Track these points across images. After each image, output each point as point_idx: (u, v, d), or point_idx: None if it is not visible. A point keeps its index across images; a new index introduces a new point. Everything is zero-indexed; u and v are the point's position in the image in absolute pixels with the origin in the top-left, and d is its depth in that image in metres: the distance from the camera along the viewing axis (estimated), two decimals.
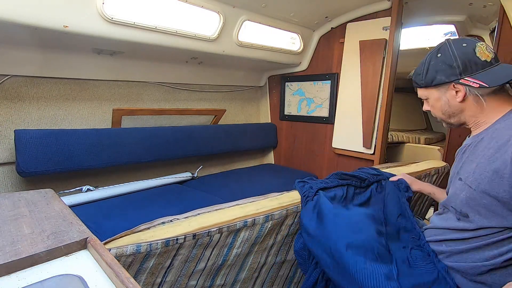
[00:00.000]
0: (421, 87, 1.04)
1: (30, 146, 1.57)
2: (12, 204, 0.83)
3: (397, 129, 4.45)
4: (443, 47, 0.98)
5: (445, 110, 1.01)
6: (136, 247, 0.84)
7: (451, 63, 0.94)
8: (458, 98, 0.95)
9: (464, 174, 0.97)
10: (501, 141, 0.87)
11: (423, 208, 1.94)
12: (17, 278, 0.56)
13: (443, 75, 0.96)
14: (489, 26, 2.42)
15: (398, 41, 2.08)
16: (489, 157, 0.89)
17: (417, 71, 1.05)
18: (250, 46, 2.15)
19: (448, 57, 0.95)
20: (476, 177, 0.91)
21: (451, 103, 0.98)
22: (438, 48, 1.00)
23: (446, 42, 0.98)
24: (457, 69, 0.93)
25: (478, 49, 0.93)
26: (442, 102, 1.00)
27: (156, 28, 1.62)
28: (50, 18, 1.30)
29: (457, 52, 0.94)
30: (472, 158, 0.95)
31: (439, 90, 0.99)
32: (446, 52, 0.96)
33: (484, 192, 0.89)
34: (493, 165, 0.87)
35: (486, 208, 0.89)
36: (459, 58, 0.93)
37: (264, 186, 2.20)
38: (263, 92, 3.10)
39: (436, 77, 0.97)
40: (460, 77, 0.93)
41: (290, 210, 1.19)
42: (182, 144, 2.25)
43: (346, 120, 2.38)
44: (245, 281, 1.22)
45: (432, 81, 0.98)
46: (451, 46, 0.95)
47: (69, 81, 1.87)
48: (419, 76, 1.03)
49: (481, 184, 0.89)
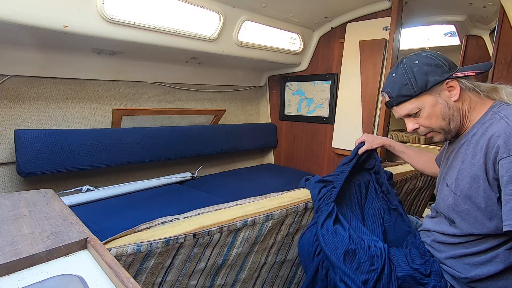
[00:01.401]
0: (413, 97, 0.95)
1: (30, 146, 1.57)
2: (12, 204, 0.83)
3: (397, 129, 4.45)
4: (411, 58, 0.97)
5: (446, 114, 0.94)
6: (136, 246, 0.84)
7: (436, 62, 0.92)
8: (454, 97, 0.92)
9: (449, 180, 0.97)
10: (477, 147, 0.87)
11: (420, 207, 1.94)
12: (17, 278, 0.56)
13: (436, 75, 0.91)
14: (489, 26, 2.42)
15: (398, 41, 2.08)
16: (468, 163, 0.89)
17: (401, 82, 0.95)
18: (250, 46, 2.15)
19: (429, 59, 0.93)
20: (459, 183, 0.91)
21: (449, 104, 0.93)
22: (406, 60, 0.98)
23: (408, 56, 0.99)
24: (445, 66, 0.92)
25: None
26: (440, 105, 0.93)
27: (156, 28, 1.62)
28: (50, 18, 1.30)
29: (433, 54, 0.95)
30: (455, 164, 0.96)
31: (433, 94, 0.93)
32: (420, 57, 0.95)
33: (466, 197, 0.89)
34: (471, 171, 0.87)
35: (469, 214, 0.89)
36: (439, 57, 0.93)
37: (264, 186, 2.20)
38: (263, 92, 3.10)
39: (429, 79, 0.92)
40: (451, 72, 0.92)
41: (290, 210, 1.19)
42: (182, 144, 2.25)
43: (346, 120, 2.38)
44: (246, 281, 1.22)
45: (427, 84, 0.92)
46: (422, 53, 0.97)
47: (69, 81, 1.87)
48: (407, 86, 0.94)
49: (463, 190, 0.90)
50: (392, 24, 2.02)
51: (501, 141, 0.79)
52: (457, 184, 0.92)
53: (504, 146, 0.78)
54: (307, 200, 1.25)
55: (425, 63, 0.93)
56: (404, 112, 1.01)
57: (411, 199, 1.80)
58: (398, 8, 1.99)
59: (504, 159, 0.78)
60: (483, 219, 0.86)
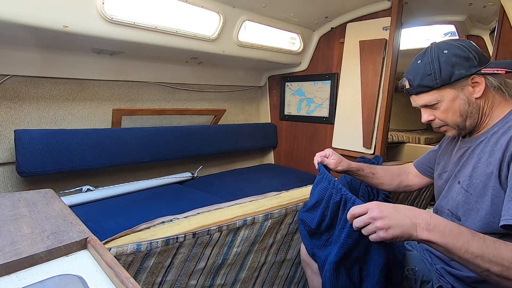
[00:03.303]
0: (434, 89, 0.90)
1: (30, 146, 1.57)
2: (12, 204, 0.83)
3: (397, 129, 4.45)
4: (443, 45, 0.90)
5: (464, 110, 0.89)
6: (136, 246, 0.84)
7: (467, 55, 0.86)
8: (477, 94, 0.87)
9: (462, 177, 0.94)
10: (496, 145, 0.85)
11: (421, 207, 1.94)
12: (17, 278, 0.56)
13: (463, 69, 0.85)
14: (489, 26, 2.42)
15: (398, 41, 2.08)
16: (485, 161, 0.87)
17: (424, 72, 0.91)
18: (250, 46, 2.15)
19: (459, 49, 0.87)
20: (472, 181, 0.89)
21: (471, 100, 0.88)
22: (435, 47, 0.91)
23: (439, 42, 0.92)
24: (474, 60, 0.86)
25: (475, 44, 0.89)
26: (460, 101, 0.89)
27: (156, 28, 1.62)
28: (50, 18, 1.30)
29: (466, 44, 0.88)
30: (470, 161, 0.93)
31: (456, 88, 0.88)
32: (452, 47, 0.88)
33: (479, 196, 0.87)
34: (487, 169, 0.85)
35: (477, 213, 0.87)
36: (471, 49, 0.87)
37: (264, 186, 2.20)
38: (263, 92, 3.10)
39: (455, 72, 0.86)
40: (479, 67, 0.86)
41: (289, 209, 1.19)
42: (182, 144, 2.25)
43: (346, 120, 2.38)
44: (245, 281, 1.23)
45: (451, 77, 0.87)
46: (454, 42, 0.90)
47: (69, 81, 1.87)
48: (430, 76, 0.89)
49: (476, 188, 0.87)
50: (392, 24, 2.02)
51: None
52: (470, 182, 0.89)
53: None
54: (306, 199, 1.25)
55: (454, 54, 0.87)
56: (421, 103, 0.95)
57: (412, 199, 1.80)
58: (398, 8, 1.99)
59: None
60: (488, 218, 0.85)
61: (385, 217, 0.72)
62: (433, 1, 2.13)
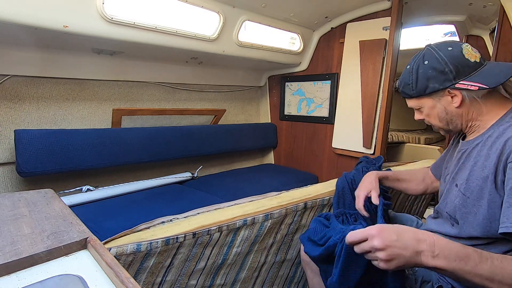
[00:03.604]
0: (413, 97, 0.97)
1: (30, 146, 1.57)
2: (12, 204, 0.83)
3: (397, 129, 4.45)
4: (428, 53, 0.92)
5: (443, 117, 0.95)
6: (136, 246, 0.84)
7: (442, 68, 0.88)
8: (455, 104, 0.90)
9: (459, 180, 0.94)
10: (492, 149, 0.85)
11: (421, 208, 1.94)
12: (17, 278, 0.56)
13: (436, 82, 0.89)
14: (489, 26, 2.42)
15: (398, 41, 2.08)
16: (481, 165, 0.87)
17: (405, 81, 0.97)
18: (250, 46, 2.15)
19: (437, 62, 0.89)
20: (469, 185, 0.89)
21: (448, 109, 0.92)
22: (422, 54, 0.93)
23: (429, 48, 0.93)
24: (450, 74, 0.88)
25: (465, 51, 0.88)
26: (438, 109, 0.94)
27: (156, 28, 1.62)
28: (50, 18, 1.30)
29: (445, 56, 0.88)
30: (467, 165, 0.93)
31: (433, 98, 0.93)
32: (432, 58, 0.90)
33: (476, 199, 0.87)
34: (483, 173, 0.85)
35: (474, 216, 0.87)
36: (449, 62, 0.88)
37: (264, 186, 2.20)
38: (263, 92, 3.10)
39: (429, 85, 0.91)
40: (454, 81, 0.88)
41: (289, 209, 1.19)
42: (182, 144, 2.25)
43: (346, 120, 2.38)
44: (245, 281, 1.23)
45: (425, 90, 0.92)
46: (437, 51, 0.90)
47: (69, 81, 1.87)
48: (409, 86, 0.95)
49: (473, 192, 0.87)
50: (392, 24, 2.02)
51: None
52: (467, 186, 0.90)
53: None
54: (306, 200, 1.26)
55: (431, 67, 0.90)
56: (409, 105, 1.03)
57: (412, 199, 1.80)
58: (398, 8, 1.99)
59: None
60: (485, 222, 0.84)
61: (387, 248, 0.67)
62: (433, 1, 2.13)
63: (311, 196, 1.29)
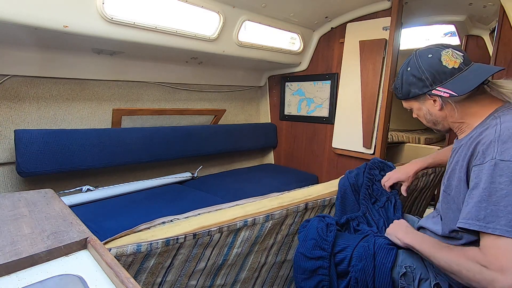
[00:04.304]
0: (401, 99, 1.06)
1: (30, 146, 1.57)
2: (12, 204, 0.83)
3: (397, 129, 4.45)
4: (412, 61, 0.99)
5: (429, 119, 1.02)
6: (136, 246, 0.84)
7: (420, 76, 0.95)
8: (437, 107, 0.96)
9: (445, 178, 1.00)
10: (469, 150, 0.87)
11: (421, 208, 1.94)
12: (17, 278, 0.56)
13: (416, 88, 0.97)
14: (489, 26, 2.42)
15: (398, 41, 2.08)
16: (460, 165, 0.90)
17: (395, 84, 1.07)
18: (250, 46, 2.15)
19: (416, 70, 0.96)
20: (450, 183, 0.94)
21: (432, 112, 0.99)
22: (408, 61, 1.01)
23: (414, 55, 0.99)
24: (426, 81, 0.93)
25: (444, 58, 0.92)
26: (423, 111, 1.01)
27: (156, 28, 1.62)
28: (50, 18, 1.30)
29: (423, 64, 0.94)
30: (451, 164, 0.97)
31: (418, 101, 1.01)
32: (414, 65, 0.97)
33: (453, 197, 0.91)
34: (460, 173, 0.89)
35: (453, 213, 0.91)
36: (426, 70, 0.93)
37: (264, 186, 2.20)
38: (263, 92, 3.10)
39: (411, 90, 0.99)
40: (431, 87, 0.93)
41: (290, 210, 1.19)
42: (182, 144, 2.25)
43: (346, 120, 2.37)
44: (246, 281, 1.22)
45: (409, 94, 1.00)
46: (418, 59, 0.96)
47: (69, 81, 1.87)
48: (397, 89, 1.05)
49: (452, 190, 0.92)
50: (392, 24, 2.02)
51: (481, 148, 0.82)
52: (448, 183, 0.95)
53: (481, 153, 0.81)
54: (307, 200, 1.25)
55: (412, 74, 0.97)
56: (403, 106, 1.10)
57: (412, 199, 1.80)
58: (398, 8, 1.99)
59: (476, 166, 0.81)
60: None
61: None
62: (433, 1, 2.13)
63: (312, 196, 1.29)
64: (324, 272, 1.04)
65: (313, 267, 1.06)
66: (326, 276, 1.04)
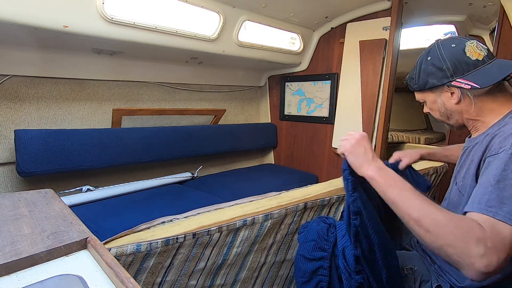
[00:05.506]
0: (416, 90, 1.02)
1: (30, 146, 1.57)
2: (12, 204, 0.83)
3: (397, 129, 4.45)
4: (433, 49, 0.94)
5: (443, 112, 0.98)
6: (136, 246, 0.84)
7: (441, 65, 0.90)
8: (454, 100, 0.92)
9: (458, 178, 0.96)
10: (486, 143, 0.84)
11: None
12: (17, 278, 0.56)
13: (435, 79, 0.93)
14: (489, 26, 2.42)
15: (398, 41, 2.08)
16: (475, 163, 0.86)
17: (411, 75, 1.02)
18: (250, 46, 2.15)
19: (437, 59, 0.92)
20: (465, 183, 0.89)
21: (447, 105, 0.95)
22: (428, 50, 0.96)
23: (435, 44, 0.95)
24: (447, 71, 0.89)
25: (468, 48, 0.88)
26: (438, 104, 0.97)
27: (156, 28, 1.62)
28: (50, 18, 1.30)
29: (445, 53, 0.90)
30: (466, 163, 0.93)
31: (434, 93, 0.97)
32: (435, 54, 0.92)
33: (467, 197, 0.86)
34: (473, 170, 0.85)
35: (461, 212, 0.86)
36: (448, 59, 0.89)
37: (264, 186, 2.20)
38: (263, 92, 3.10)
39: (428, 81, 0.94)
40: (451, 79, 0.89)
41: (289, 209, 1.19)
42: (182, 144, 2.25)
43: (346, 120, 2.38)
44: (245, 281, 1.23)
45: (426, 85, 0.96)
46: (440, 48, 0.92)
47: (69, 81, 1.87)
48: (413, 80, 1.01)
49: (467, 189, 0.87)
50: (392, 24, 2.02)
51: (498, 139, 0.78)
52: (464, 183, 0.90)
53: (498, 143, 0.77)
54: (306, 200, 1.26)
55: (432, 63, 0.93)
56: (416, 98, 1.06)
57: None
58: (398, 8, 1.99)
59: (490, 157, 0.77)
60: None
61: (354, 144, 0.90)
62: (433, 1, 2.13)
63: (311, 196, 1.29)
64: (324, 272, 1.04)
65: (313, 268, 1.05)
66: (326, 276, 1.04)
